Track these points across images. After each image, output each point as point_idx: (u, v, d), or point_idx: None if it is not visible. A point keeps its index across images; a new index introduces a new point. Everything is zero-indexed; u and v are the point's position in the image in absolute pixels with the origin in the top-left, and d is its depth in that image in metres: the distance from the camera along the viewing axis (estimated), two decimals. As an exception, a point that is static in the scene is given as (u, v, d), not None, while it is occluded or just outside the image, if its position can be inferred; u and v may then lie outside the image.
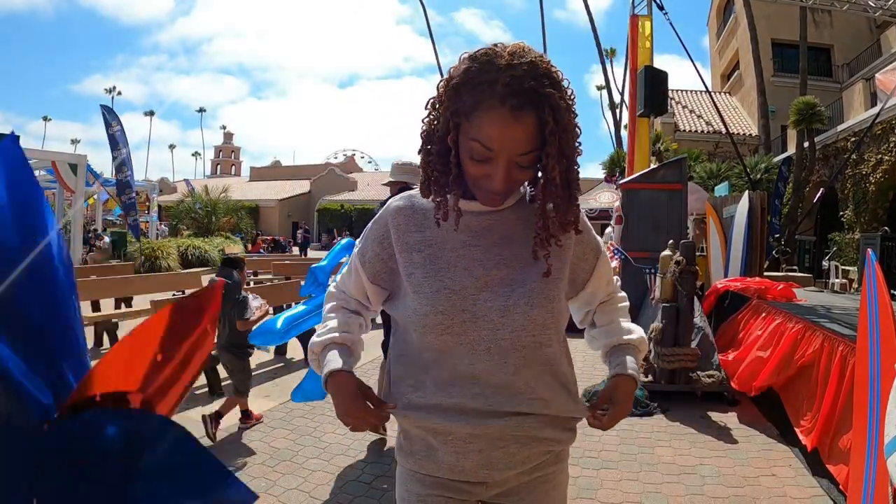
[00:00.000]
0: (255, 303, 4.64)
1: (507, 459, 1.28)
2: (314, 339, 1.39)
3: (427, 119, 1.24)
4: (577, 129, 1.20)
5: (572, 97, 1.19)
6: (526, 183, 1.31)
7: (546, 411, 1.29)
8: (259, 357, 6.79)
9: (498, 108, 1.11)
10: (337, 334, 1.38)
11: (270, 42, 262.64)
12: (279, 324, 4.10)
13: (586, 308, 1.50)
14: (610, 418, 1.35)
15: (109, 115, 17.33)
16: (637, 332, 1.48)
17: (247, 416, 4.62)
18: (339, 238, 31.38)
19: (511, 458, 1.29)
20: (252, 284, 12.79)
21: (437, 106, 1.22)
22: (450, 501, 1.32)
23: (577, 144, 1.21)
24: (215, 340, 4.55)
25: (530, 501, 1.37)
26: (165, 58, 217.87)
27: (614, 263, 8.58)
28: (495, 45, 1.15)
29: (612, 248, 8.92)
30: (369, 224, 1.41)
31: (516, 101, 1.10)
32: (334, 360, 1.32)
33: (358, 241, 1.45)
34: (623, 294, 1.55)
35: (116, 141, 17.11)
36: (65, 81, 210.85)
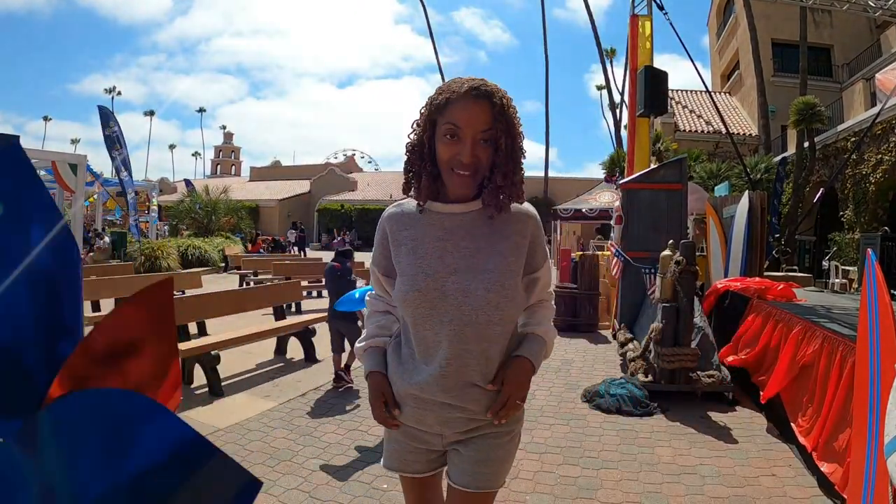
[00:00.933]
0: (360, 283, 6.26)
1: (455, 421, 1.64)
2: (358, 343, 1.83)
3: (410, 135, 1.67)
4: (519, 127, 1.62)
5: (515, 110, 1.62)
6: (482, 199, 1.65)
7: (483, 384, 1.61)
8: (259, 357, 6.79)
9: (463, 98, 1.55)
10: (372, 339, 1.80)
11: (268, 42, 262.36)
12: (357, 294, 5.38)
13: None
14: (499, 404, 1.61)
15: (107, 116, 17.32)
16: (545, 326, 1.79)
17: (340, 378, 5.74)
18: (340, 237, 31.40)
19: (458, 420, 1.64)
20: (252, 284, 12.81)
21: (418, 122, 1.65)
22: (416, 445, 1.73)
23: (520, 133, 1.62)
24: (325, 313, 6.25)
25: (473, 450, 1.67)
26: (164, 57, 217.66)
27: (615, 265, 8.59)
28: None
29: (612, 248, 8.92)
30: (376, 234, 1.78)
31: (476, 92, 1.55)
32: (370, 362, 1.76)
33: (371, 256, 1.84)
34: (553, 306, 1.88)
35: (114, 141, 17.12)
36: (64, 81, 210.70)
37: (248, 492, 0.44)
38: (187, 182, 36.01)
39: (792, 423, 4.25)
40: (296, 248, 28.98)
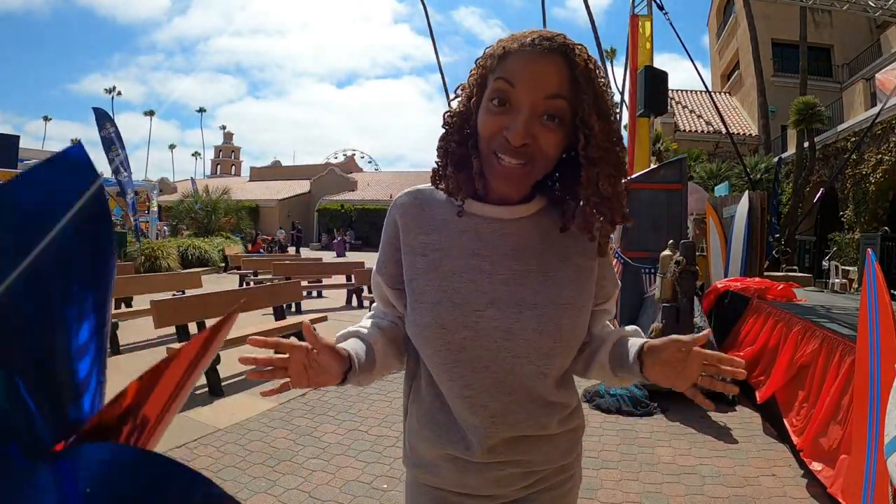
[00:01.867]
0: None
1: (508, 478, 1.20)
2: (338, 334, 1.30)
3: (454, 104, 1.19)
4: (613, 106, 1.11)
5: (606, 82, 1.11)
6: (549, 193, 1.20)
7: (542, 433, 1.19)
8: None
9: (527, 49, 1.05)
10: (357, 328, 1.28)
11: (267, 41, 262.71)
12: None
13: None
14: (695, 343, 1.06)
15: (102, 118, 17.26)
16: (630, 327, 1.32)
17: None
18: (339, 238, 31.40)
19: (511, 476, 1.20)
20: (252, 284, 12.81)
21: (465, 84, 1.18)
22: None
23: (614, 111, 1.11)
24: None
25: None
26: (162, 57, 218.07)
27: (615, 265, 8.58)
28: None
29: (612, 250, 8.90)
30: (382, 234, 1.29)
31: (548, 43, 1.04)
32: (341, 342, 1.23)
33: (375, 264, 1.33)
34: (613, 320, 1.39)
35: (112, 143, 17.10)
36: (63, 81, 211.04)
37: None
38: (193, 181, 35.99)
39: (784, 421, 4.26)
40: (276, 248, 28.92)
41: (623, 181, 1.12)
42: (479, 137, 1.10)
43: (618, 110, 1.13)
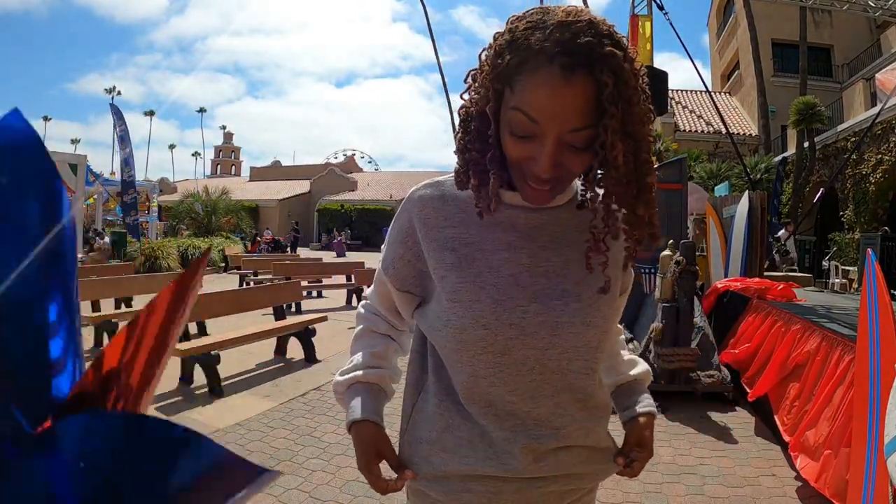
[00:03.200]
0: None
1: (543, 499, 1.12)
2: (337, 377, 1.23)
3: (466, 95, 1.05)
4: (646, 104, 0.98)
5: (642, 70, 0.98)
6: (579, 182, 1.12)
7: (588, 442, 1.14)
8: (259, 357, 6.79)
9: (546, 67, 0.89)
10: (361, 372, 1.20)
11: (265, 40, 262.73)
12: None
13: None
14: (640, 464, 1.23)
15: (118, 116, 17.58)
16: (640, 365, 1.38)
17: None
18: (339, 238, 31.39)
19: (548, 496, 1.13)
20: (252, 284, 12.80)
21: (478, 76, 1.02)
22: None
23: (646, 121, 0.98)
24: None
25: None
26: (161, 57, 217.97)
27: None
28: (548, 6, 0.96)
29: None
30: (392, 228, 1.19)
31: (569, 59, 0.88)
32: (356, 408, 1.16)
33: (381, 260, 1.21)
34: (619, 326, 1.36)
35: (123, 140, 17.35)
36: (61, 81, 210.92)
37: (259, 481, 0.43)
38: (195, 181, 36.02)
39: (775, 418, 4.26)
40: (269, 248, 28.87)
41: (652, 209, 1.05)
42: (507, 155, 1.01)
43: (652, 119, 1.00)
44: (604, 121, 0.91)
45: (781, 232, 12.31)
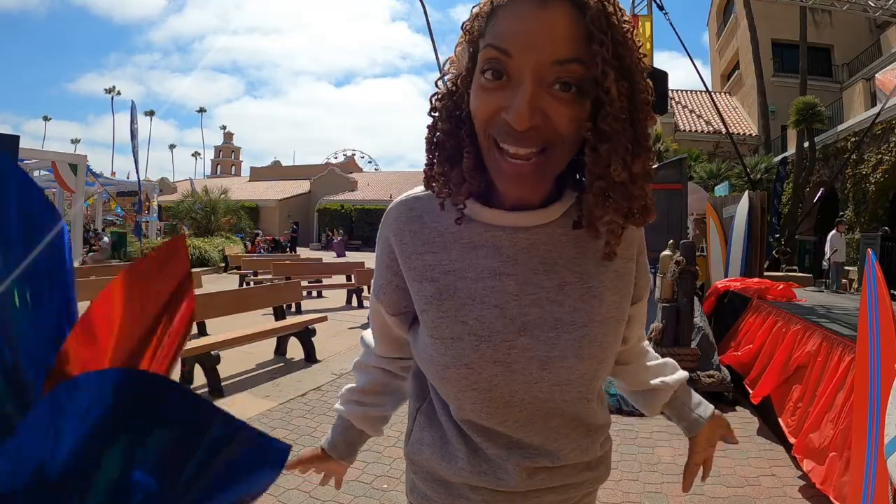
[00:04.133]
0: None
1: None
2: (339, 394, 1.31)
3: (441, 82, 0.95)
4: (636, 47, 0.84)
5: (629, 26, 0.84)
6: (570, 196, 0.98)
7: (585, 458, 1.05)
8: (259, 357, 6.79)
9: (520, 1, 0.79)
10: (340, 405, 1.31)
11: (263, 40, 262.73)
12: None
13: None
14: (707, 468, 1.35)
15: (134, 114, 17.89)
16: (670, 370, 1.30)
17: None
18: (339, 238, 31.37)
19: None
20: (252, 284, 12.80)
21: (453, 56, 0.93)
22: None
23: (639, 60, 0.85)
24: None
25: None
26: (159, 56, 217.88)
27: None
28: None
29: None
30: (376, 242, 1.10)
31: None
32: (330, 434, 1.38)
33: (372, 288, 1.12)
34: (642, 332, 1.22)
35: (134, 138, 17.62)
36: (59, 80, 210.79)
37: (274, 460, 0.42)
38: (192, 182, 36.10)
39: (780, 421, 4.26)
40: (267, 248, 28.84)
41: (647, 164, 0.86)
42: (475, 123, 0.86)
43: (646, 64, 0.86)
44: (592, 46, 0.78)
45: (833, 233, 12.19)
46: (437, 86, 0.95)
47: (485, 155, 0.87)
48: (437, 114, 0.94)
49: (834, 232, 12.33)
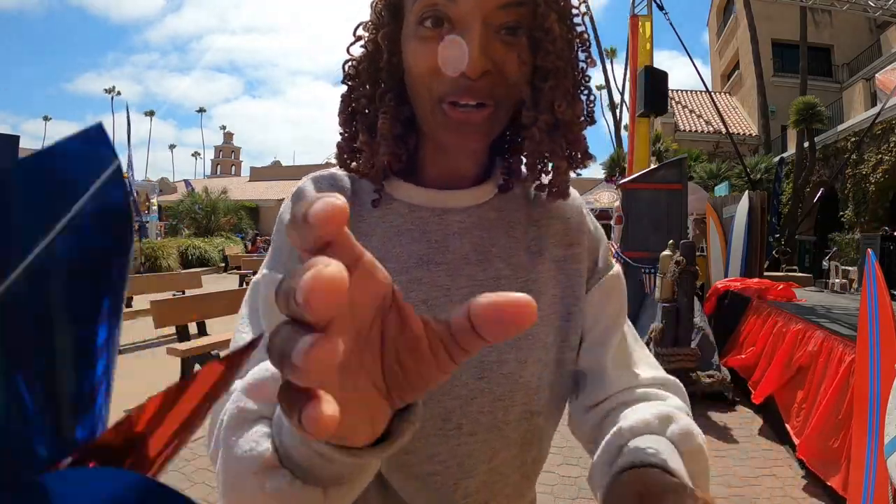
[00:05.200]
0: None
1: None
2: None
3: (354, 48, 0.83)
4: (576, 14, 0.80)
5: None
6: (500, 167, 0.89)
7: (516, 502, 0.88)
8: (259, 357, 6.78)
9: None
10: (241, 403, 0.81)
11: (261, 39, 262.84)
12: None
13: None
14: None
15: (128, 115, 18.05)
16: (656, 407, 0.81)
17: None
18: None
19: None
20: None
21: (367, 20, 0.83)
22: None
23: (578, 28, 0.80)
24: None
25: None
26: (157, 56, 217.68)
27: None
28: None
29: (612, 249, 8.91)
30: (272, 242, 0.90)
31: None
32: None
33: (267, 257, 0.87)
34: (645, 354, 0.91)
35: (129, 139, 17.76)
36: (58, 80, 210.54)
37: None
38: (187, 182, 36.11)
39: (787, 425, 4.25)
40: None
41: (589, 107, 0.81)
42: (412, 82, 0.76)
43: (580, 10, 0.80)
44: None
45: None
46: (349, 53, 0.83)
47: (423, 114, 0.76)
48: (353, 81, 0.82)
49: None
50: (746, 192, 8.15)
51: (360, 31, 0.82)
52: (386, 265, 0.60)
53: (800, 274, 11.49)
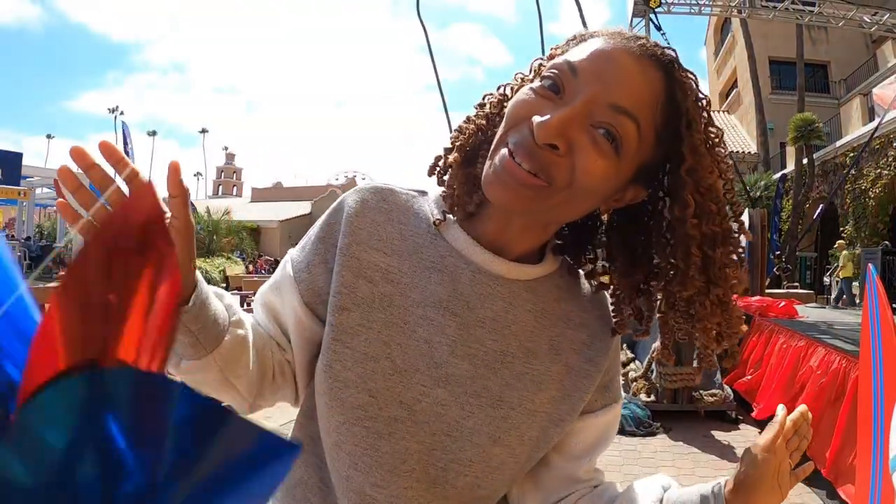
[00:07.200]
0: None
1: None
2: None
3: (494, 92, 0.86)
4: (724, 168, 0.78)
5: (718, 135, 0.79)
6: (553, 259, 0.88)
7: None
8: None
9: (617, 42, 0.73)
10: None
11: (261, 59, 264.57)
12: None
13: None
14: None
15: (127, 135, 18.03)
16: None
17: None
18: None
19: None
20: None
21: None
22: None
23: (725, 179, 0.78)
24: None
25: None
26: (157, 75, 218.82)
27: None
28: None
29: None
30: (315, 227, 0.92)
31: (647, 50, 0.74)
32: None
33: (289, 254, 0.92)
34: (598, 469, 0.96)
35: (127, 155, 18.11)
36: (59, 98, 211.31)
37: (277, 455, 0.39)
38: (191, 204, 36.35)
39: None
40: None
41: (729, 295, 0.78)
42: (503, 122, 0.76)
43: (731, 197, 0.79)
44: (661, 109, 0.73)
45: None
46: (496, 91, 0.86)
47: (490, 156, 0.75)
48: (480, 110, 0.84)
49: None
50: (746, 209, 8.16)
51: (516, 76, 0.84)
52: (407, 293, 0.78)
53: (801, 290, 11.47)
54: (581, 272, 0.90)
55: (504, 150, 0.72)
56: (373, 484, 0.78)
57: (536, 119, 0.69)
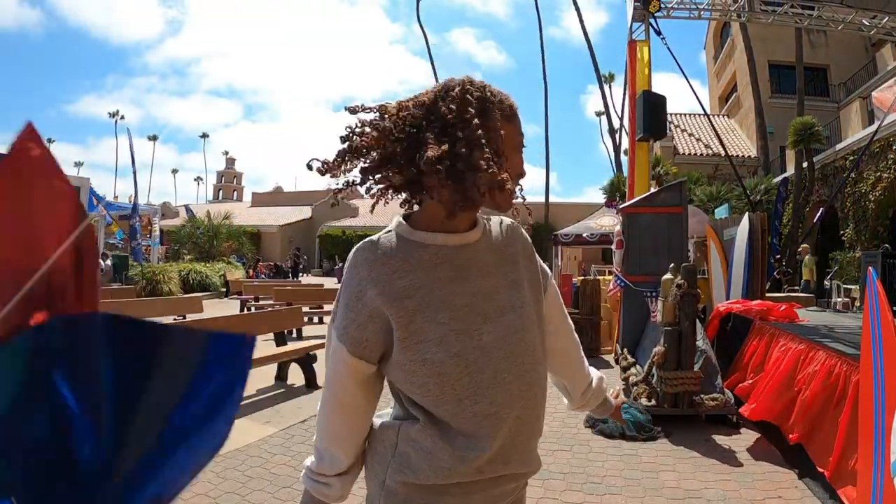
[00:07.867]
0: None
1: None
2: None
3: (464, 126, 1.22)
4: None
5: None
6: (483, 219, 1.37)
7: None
8: (260, 383, 6.76)
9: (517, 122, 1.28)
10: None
11: (260, 63, 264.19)
12: None
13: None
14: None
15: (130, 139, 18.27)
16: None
17: None
18: (340, 264, 31.36)
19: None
20: (253, 310, 12.78)
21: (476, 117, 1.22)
22: None
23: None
24: None
25: None
26: (156, 79, 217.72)
27: (612, 289, 8.60)
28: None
29: (615, 272, 8.92)
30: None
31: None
32: None
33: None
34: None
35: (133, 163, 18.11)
36: (58, 102, 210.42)
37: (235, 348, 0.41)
38: (187, 208, 36.21)
39: (806, 448, 4.16)
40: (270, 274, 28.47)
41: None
42: (513, 173, 1.25)
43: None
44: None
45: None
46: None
47: (500, 191, 1.19)
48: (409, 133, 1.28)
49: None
50: (746, 213, 8.15)
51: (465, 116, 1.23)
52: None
53: (801, 294, 11.46)
54: (483, 220, 1.34)
55: (509, 190, 1.23)
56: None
57: (522, 171, 1.33)
